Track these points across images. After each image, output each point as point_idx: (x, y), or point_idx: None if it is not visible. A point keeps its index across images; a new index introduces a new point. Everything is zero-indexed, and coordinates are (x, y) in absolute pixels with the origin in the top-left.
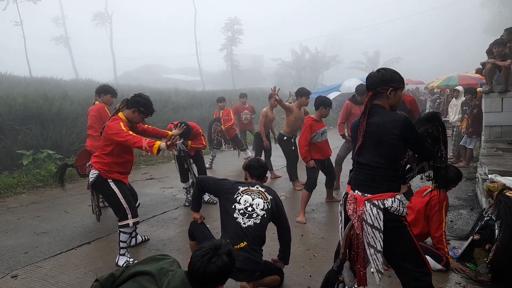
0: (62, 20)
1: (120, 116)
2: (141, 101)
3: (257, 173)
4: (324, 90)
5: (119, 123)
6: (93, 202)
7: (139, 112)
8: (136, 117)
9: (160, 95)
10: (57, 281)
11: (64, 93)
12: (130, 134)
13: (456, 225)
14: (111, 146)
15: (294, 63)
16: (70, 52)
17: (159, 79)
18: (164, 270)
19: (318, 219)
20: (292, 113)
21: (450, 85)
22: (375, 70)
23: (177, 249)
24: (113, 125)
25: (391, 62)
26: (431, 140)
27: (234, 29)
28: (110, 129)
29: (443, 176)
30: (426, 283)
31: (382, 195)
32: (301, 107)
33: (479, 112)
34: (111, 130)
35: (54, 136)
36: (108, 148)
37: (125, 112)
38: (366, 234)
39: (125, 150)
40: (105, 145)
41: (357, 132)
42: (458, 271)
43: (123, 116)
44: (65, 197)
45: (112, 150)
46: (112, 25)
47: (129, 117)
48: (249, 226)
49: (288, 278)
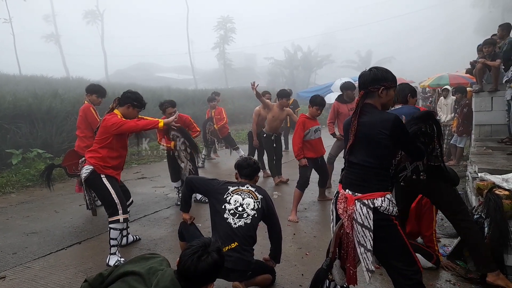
0: (53, 17)
1: (116, 112)
2: (132, 96)
3: (246, 172)
4: (317, 89)
5: (116, 115)
6: (86, 198)
7: (133, 106)
8: (131, 112)
9: (153, 94)
10: (47, 282)
11: (54, 92)
12: (129, 120)
13: (447, 223)
14: (108, 139)
15: (287, 62)
16: (60, 50)
17: (152, 78)
18: (153, 270)
19: (310, 218)
20: (271, 111)
21: (441, 84)
22: (367, 69)
23: (168, 248)
24: (111, 118)
25: (383, 62)
26: (426, 139)
27: (226, 27)
28: (109, 121)
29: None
30: (416, 281)
31: (372, 194)
32: (282, 107)
33: (469, 111)
34: (110, 121)
35: (44, 135)
36: (105, 141)
37: (120, 110)
38: (356, 233)
39: (121, 143)
40: (102, 139)
41: (349, 131)
42: (448, 269)
43: (119, 113)
44: (55, 197)
45: (109, 143)
46: (103, 23)
47: (125, 113)
48: (239, 227)
49: (280, 277)
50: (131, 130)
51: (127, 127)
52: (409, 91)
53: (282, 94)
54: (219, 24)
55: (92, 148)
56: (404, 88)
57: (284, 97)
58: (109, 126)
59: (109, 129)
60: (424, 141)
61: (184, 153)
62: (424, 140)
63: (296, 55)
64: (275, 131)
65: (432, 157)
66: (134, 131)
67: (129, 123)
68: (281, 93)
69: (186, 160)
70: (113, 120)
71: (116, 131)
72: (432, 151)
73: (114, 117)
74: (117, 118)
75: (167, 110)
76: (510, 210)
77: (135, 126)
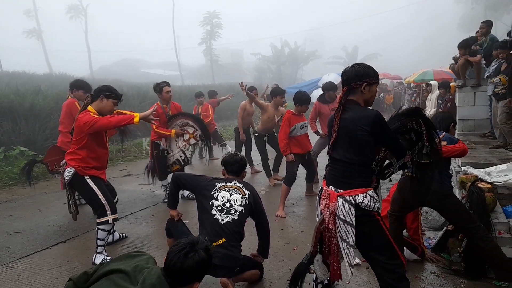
0: (34, 12)
1: (90, 109)
2: (104, 88)
3: (233, 169)
4: (303, 84)
5: (89, 113)
6: (69, 201)
7: (106, 97)
8: (106, 104)
9: (138, 90)
10: (31, 282)
11: (37, 88)
12: (101, 117)
13: (431, 216)
14: (84, 140)
15: (274, 58)
16: (43, 46)
17: (137, 74)
18: (140, 267)
19: (298, 213)
20: (266, 112)
21: (426, 80)
22: (350, 66)
23: (155, 246)
24: (83, 116)
25: (369, 58)
26: (415, 136)
27: (213, 23)
28: (81, 120)
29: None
30: (399, 274)
31: (354, 190)
32: (277, 107)
33: (452, 106)
34: (82, 120)
35: (27, 132)
36: (82, 142)
37: (93, 105)
38: (339, 228)
39: (98, 142)
40: (78, 139)
41: (332, 128)
42: (433, 261)
43: (93, 109)
44: (39, 195)
45: (86, 143)
46: (87, 18)
47: (100, 107)
48: (227, 223)
49: (268, 272)
50: (104, 127)
51: (100, 125)
52: (452, 121)
53: (276, 92)
54: (205, 20)
55: (71, 150)
56: (448, 117)
57: (278, 95)
58: (82, 126)
59: (82, 128)
60: (410, 138)
61: (183, 143)
62: (409, 137)
63: (283, 51)
64: (268, 132)
65: (422, 154)
66: (108, 128)
67: (101, 120)
68: (275, 91)
69: (179, 149)
70: (85, 119)
71: (89, 130)
72: (422, 148)
73: (86, 116)
74: (89, 116)
75: (164, 89)
76: (492, 202)
77: (107, 123)
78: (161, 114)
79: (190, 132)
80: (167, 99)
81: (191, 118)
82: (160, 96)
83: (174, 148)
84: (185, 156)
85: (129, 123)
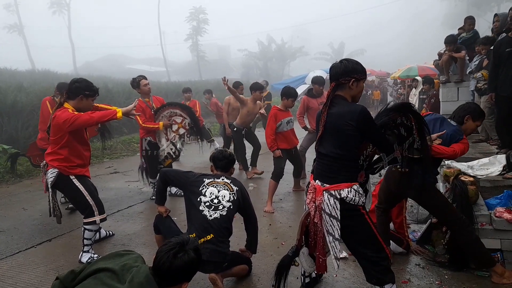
0: (15, 6)
1: (66, 106)
2: (82, 85)
3: (222, 164)
4: (291, 81)
5: (67, 110)
6: (50, 204)
7: (86, 96)
8: (85, 103)
9: (124, 86)
10: (16, 281)
11: (19, 84)
12: (82, 113)
13: (416, 210)
14: (64, 138)
15: (261, 54)
16: (25, 41)
17: (123, 70)
18: (128, 266)
19: (286, 208)
20: (245, 106)
21: (411, 76)
22: (338, 61)
23: (143, 243)
24: (62, 113)
25: (355, 54)
26: (405, 131)
27: (199, 18)
28: (60, 117)
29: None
30: (384, 267)
31: (339, 185)
32: (255, 101)
33: (436, 101)
34: (61, 118)
35: (9, 129)
36: (61, 141)
37: (71, 104)
38: (325, 222)
39: (79, 140)
40: (57, 138)
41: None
42: (418, 253)
43: (70, 107)
44: (23, 194)
45: (66, 142)
46: (70, 13)
47: (79, 107)
48: (215, 218)
49: (256, 267)
50: (85, 124)
51: (81, 122)
52: (467, 114)
53: (255, 87)
54: (191, 15)
55: (51, 150)
56: (465, 108)
57: (258, 90)
58: (61, 124)
59: (61, 126)
60: (399, 133)
61: (172, 135)
62: (398, 132)
63: (270, 47)
64: (246, 126)
65: (412, 149)
66: (90, 125)
67: (82, 116)
68: (254, 86)
69: (168, 142)
70: (64, 116)
71: (70, 128)
72: (412, 144)
73: (65, 112)
74: (68, 113)
75: (141, 83)
76: (475, 195)
77: (89, 119)
78: (145, 109)
79: (179, 121)
80: (146, 92)
81: (178, 106)
82: (139, 91)
83: (164, 142)
84: (175, 149)
85: (111, 119)
